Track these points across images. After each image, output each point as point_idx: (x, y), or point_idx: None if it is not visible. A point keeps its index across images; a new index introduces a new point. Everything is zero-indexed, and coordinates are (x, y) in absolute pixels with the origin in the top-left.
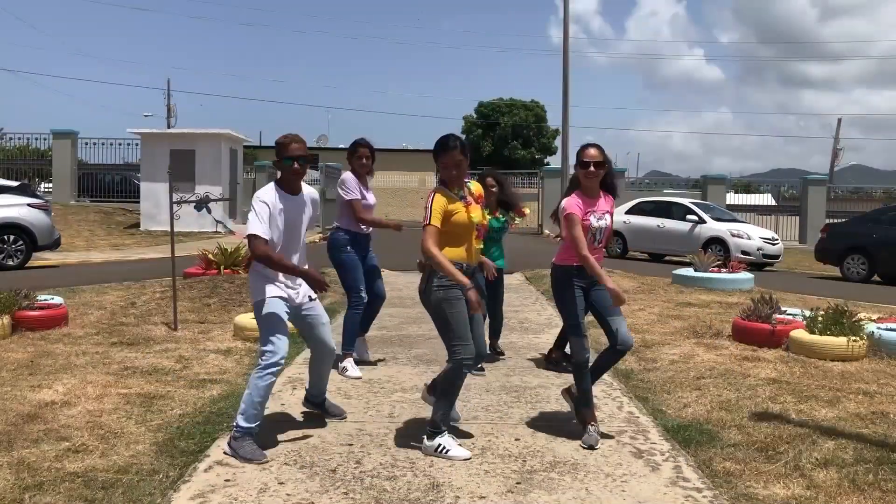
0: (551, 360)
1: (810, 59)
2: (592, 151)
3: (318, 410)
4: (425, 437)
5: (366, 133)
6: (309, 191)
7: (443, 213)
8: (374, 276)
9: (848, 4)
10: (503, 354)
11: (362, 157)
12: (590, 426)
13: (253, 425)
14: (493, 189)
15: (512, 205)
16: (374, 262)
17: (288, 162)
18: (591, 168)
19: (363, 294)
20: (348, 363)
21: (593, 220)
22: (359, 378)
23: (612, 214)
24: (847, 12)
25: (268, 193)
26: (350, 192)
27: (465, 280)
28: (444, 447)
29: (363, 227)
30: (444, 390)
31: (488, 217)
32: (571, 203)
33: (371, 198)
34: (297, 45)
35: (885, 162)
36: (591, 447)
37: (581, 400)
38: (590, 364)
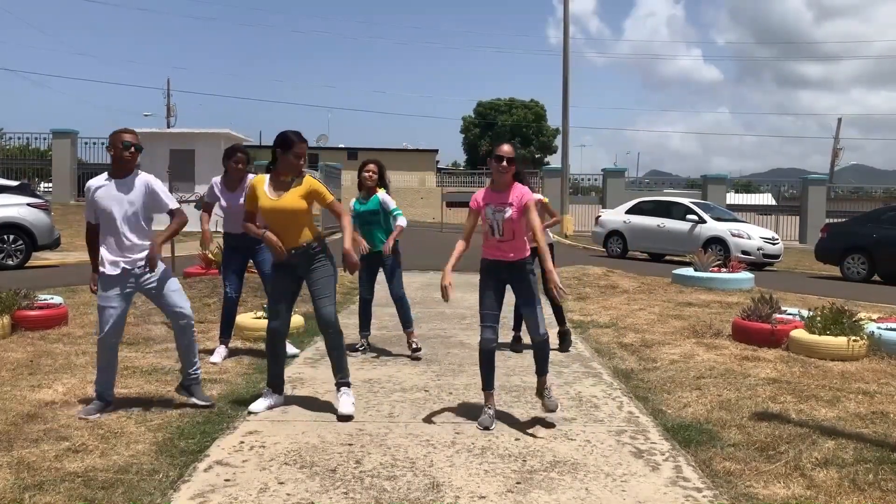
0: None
1: (807, 59)
2: (506, 148)
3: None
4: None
5: (366, 133)
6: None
7: (250, 197)
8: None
9: (844, 5)
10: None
11: (238, 161)
12: (486, 408)
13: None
14: (373, 176)
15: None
16: (262, 259)
17: (125, 146)
18: (504, 163)
19: (226, 289)
20: (218, 350)
21: (488, 212)
22: (215, 363)
23: (518, 207)
24: (843, 13)
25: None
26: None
27: (256, 231)
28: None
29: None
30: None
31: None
32: (474, 196)
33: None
34: (297, 45)
35: (885, 162)
36: (486, 428)
37: (485, 383)
38: (491, 353)
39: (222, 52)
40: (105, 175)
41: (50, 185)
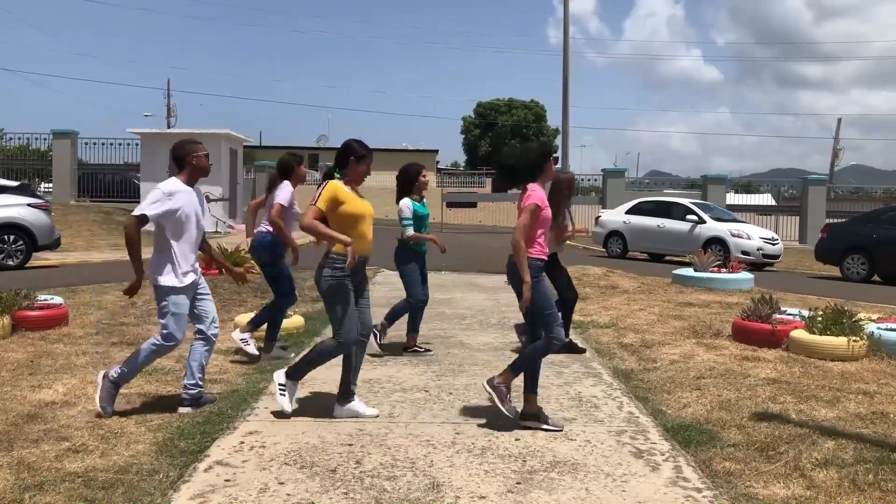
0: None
1: (807, 59)
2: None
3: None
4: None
5: (366, 133)
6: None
7: (332, 200)
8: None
9: (844, 5)
10: (428, 350)
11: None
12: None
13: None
14: (426, 180)
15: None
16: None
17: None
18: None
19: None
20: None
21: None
22: (253, 355)
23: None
24: (842, 13)
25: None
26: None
27: (345, 238)
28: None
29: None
30: (312, 359)
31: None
32: (540, 196)
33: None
34: (297, 45)
35: (885, 162)
36: (560, 428)
37: (530, 387)
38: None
39: (222, 52)
40: (177, 181)
41: (50, 185)
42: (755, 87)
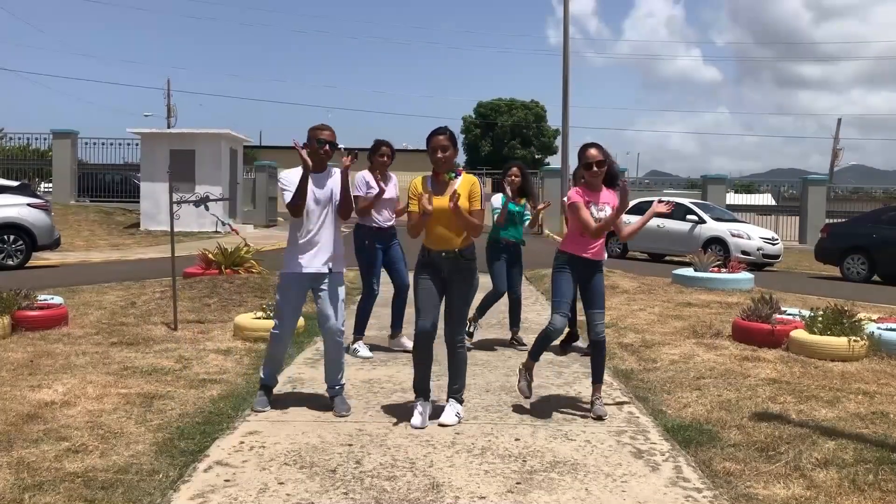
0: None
1: (807, 60)
2: (593, 152)
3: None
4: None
5: (367, 133)
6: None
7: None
8: (395, 266)
9: (843, 6)
10: (524, 345)
11: (383, 154)
12: (526, 376)
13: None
14: (516, 179)
15: (528, 194)
16: (395, 254)
17: (320, 143)
18: (594, 168)
19: (372, 285)
20: (358, 345)
21: (594, 211)
22: (368, 358)
23: (614, 206)
24: (842, 13)
25: (291, 171)
26: (355, 189)
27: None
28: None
29: (379, 220)
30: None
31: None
32: (573, 193)
33: (388, 191)
34: (297, 45)
35: (885, 162)
36: (526, 396)
37: (532, 354)
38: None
39: (222, 52)
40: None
41: (50, 185)
42: (755, 87)
